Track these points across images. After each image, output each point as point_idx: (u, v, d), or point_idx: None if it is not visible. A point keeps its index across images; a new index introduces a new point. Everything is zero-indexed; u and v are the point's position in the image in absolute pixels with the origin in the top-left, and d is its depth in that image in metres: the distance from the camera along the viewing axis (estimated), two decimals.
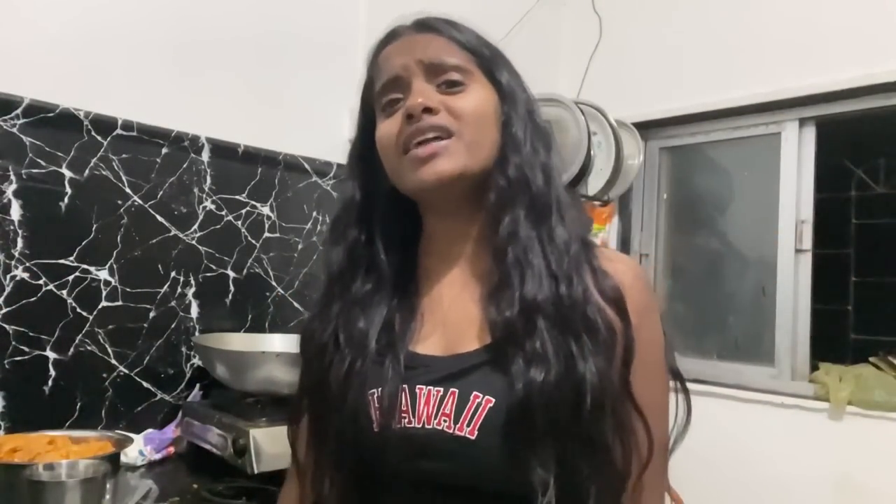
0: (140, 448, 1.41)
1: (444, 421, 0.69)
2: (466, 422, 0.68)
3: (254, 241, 1.73)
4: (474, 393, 0.68)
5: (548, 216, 0.74)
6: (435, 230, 0.81)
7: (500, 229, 0.73)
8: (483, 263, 0.76)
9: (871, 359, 2.07)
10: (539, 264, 0.71)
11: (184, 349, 1.59)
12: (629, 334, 0.71)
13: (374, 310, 0.77)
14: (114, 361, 1.47)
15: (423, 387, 0.71)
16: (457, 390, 0.69)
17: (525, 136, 0.77)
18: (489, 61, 0.79)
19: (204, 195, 1.63)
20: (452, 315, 0.76)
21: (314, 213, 1.86)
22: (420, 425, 0.70)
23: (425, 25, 0.79)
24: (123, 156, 1.49)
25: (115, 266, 1.47)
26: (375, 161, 0.79)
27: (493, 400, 0.68)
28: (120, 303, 1.48)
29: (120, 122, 1.48)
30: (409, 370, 0.73)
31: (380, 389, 0.71)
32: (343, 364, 0.74)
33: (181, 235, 1.59)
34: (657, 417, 0.74)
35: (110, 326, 1.46)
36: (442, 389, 0.70)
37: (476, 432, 0.67)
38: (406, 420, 0.70)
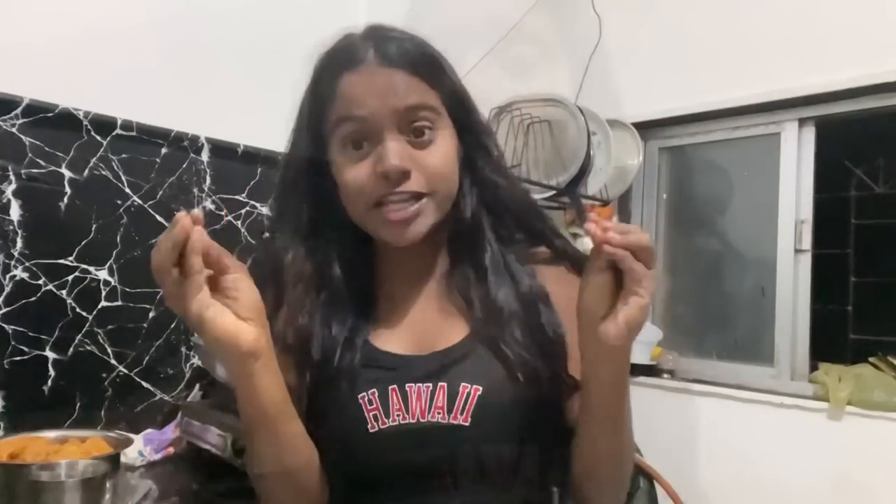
0: (140, 448, 1.41)
1: (438, 413, 0.74)
2: (459, 411, 0.74)
3: (254, 241, 1.73)
4: (462, 384, 0.74)
5: (485, 238, 0.81)
6: (387, 246, 0.82)
7: (463, 266, 0.81)
8: (442, 264, 0.83)
9: (870, 359, 2.07)
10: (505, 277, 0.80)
11: (183, 349, 1.59)
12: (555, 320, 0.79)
13: (341, 316, 0.79)
14: (113, 361, 1.47)
15: (413, 384, 0.75)
16: (445, 384, 0.75)
17: (481, 161, 0.82)
18: (450, 92, 0.79)
19: (204, 195, 1.63)
20: (419, 314, 0.82)
21: None
22: (415, 420, 0.74)
23: (388, 57, 0.76)
24: (123, 156, 1.49)
25: (114, 266, 1.47)
26: (325, 181, 0.79)
27: (481, 388, 0.74)
28: (119, 303, 1.48)
29: (119, 122, 1.48)
30: (391, 371, 0.77)
31: (369, 392, 0.75)
32: (324, 373, 0.76)
33: None
34: None
35: (110, 326, 1.46)
36: (431, 385, 0.75)
37: (470, 419, 0.73)
38: (401, 417, 0.74)
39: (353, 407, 0.75)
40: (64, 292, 1.40)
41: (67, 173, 1.41)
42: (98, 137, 1.45)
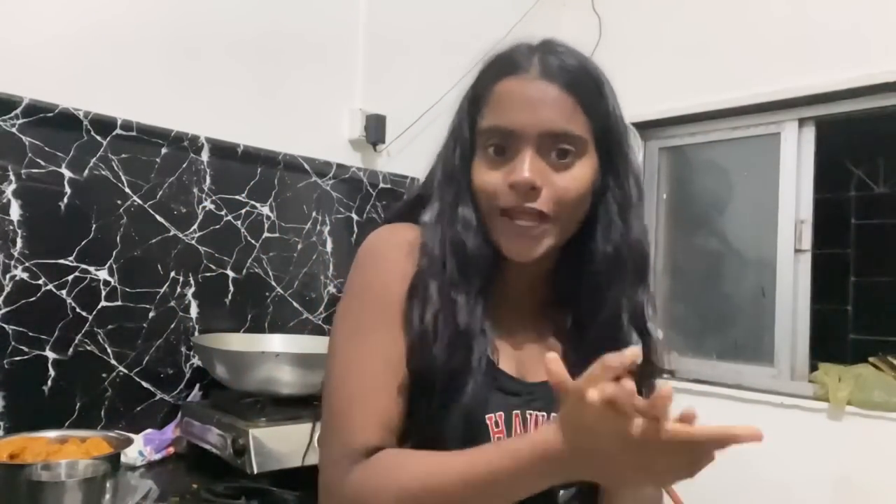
0: (140, 448, 1.41)
1: None
2: None
3: (253, 241, 1.73)
4: None
5: (633, 286, 0.80)
6: (509, 264, 0.81)
7: (591, 315, 0.79)
8: (549, 298, 0.83)
9: (870, 359, 2.07)
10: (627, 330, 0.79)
11: (183, 349, 1.59)
12: None
13: (476, 332, 0.77)
14: (113, 361, 1.47)
15: (532, 412, 0.77)
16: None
17: (620, 205, 0.79)
18: (603, 122, 0.78)
19: (203, 195, 1.63)
20: (521, 338, 0.82)
21: (314, 213, 1.86)
22: None
23: (549, 72, 0.75)
24: (123, 156, 1.49)
25: (114, 266, 1.47)
26: (468, 176, 0.79)
27: None
28: (119, 303, 1.48)
29: (119, 122, 1.48)
30: (515, 396, 0.78)
31: (496, 414, 0.76)
32: (462, 385, 0.74)
33: (181, 235, 1.59)
34: None
35: (110, 326, 1.46)
36: (546, 415, 0.78)
37: None
38: None
39: (479, 426, 0.74)
40: (64, 292, 1.40)
41: (67, 173, 1.41)
42: (98, 137, 1.45)
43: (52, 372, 1.38)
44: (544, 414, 0.77)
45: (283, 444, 1.28)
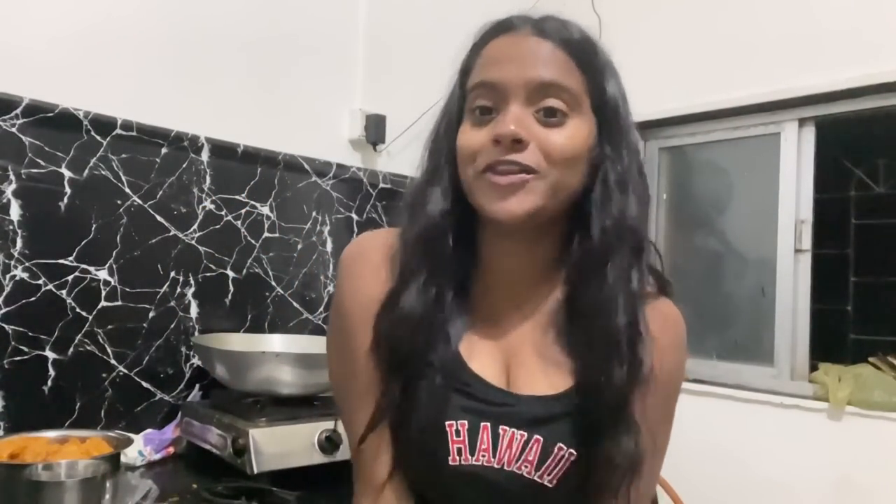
0: (140, 448, 1.41)
1: (525, 467, 0.69)
2: (548, 471, 0.69)
3: (253, 241, 1.73)
4: (559, 444, 0.69)
5: (629, 278, 0.71)
6: (495, 244, 0.75)
7: (588, 293, 0.71)
8: (550, 295, 0.75)
9: (870, 359, 2.07)
10: (622, 337, 0.69)
11: (183, 349, 1.59)
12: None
13: (449, 325, 0.72)
14: (113, 361, 1.47)
15: (508, 428, 0.70)
16: (542, 438, 0.69)
17: (621, 181, 0.71)
18: (600, 86, 0.72)
19: (203, 195, 1.63)
20: (519, 349, 0.74)
21: (314, 213, 1.86)
22: (500, 466, 0.70)
23: (544, 29, 0.71)
24: (123, 156, 1.49)
25: (114, 266, 1.47)
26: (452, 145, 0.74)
27: (576, 454, 0.69)
28: (119, 303, 1.48)
29: (119, 122, 1.48)
30: (487, 405, 0.70)
31: (459, 422, 0.69)
32: (423, 383, 0.70)
33: (181, 235, 1.59)
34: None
35: (110, 326, 1.46)
36: (526, 434, 0.69)
37: (556, 481, 0.69)
38: (485, 458, 0.69)
39: (438, 432, 0.69)
40: (64, 292, 1.40)
41: (67, 173, 1.41)
42: (98, 137, 1.45)
43: (52, 372, 1.38)
44: (523, 433, 0.69)
45: (283, 444, 1.28)
